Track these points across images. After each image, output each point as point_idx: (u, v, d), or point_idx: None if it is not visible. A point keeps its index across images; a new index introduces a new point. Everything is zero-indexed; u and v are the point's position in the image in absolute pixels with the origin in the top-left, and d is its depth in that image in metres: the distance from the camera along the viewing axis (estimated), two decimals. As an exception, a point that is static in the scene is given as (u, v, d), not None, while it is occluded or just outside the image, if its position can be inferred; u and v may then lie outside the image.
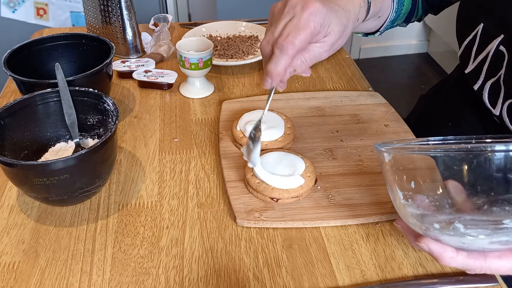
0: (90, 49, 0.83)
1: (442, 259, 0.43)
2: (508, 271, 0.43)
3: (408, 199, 0.44)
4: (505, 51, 0.60)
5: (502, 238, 0.41)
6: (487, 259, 0.42)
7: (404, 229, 0.48)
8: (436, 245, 0.43)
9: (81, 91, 0.67)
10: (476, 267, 0.43)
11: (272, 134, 0.71)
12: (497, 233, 0.41)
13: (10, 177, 0.59)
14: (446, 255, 0.43)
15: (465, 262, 0.43)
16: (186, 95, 0.87)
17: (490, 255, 0.42)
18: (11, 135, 0.64)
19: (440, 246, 0.43)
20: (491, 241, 0.41)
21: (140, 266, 0.56)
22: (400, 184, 0.45)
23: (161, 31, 1.00)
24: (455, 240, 0.42)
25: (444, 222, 0.42)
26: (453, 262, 0.43)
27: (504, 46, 0.60)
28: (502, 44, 0.61)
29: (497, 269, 0.42)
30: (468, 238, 0.41)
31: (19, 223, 0.61)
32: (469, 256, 0.43)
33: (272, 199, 0.62)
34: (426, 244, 0.43)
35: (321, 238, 0.59)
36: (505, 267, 0.42)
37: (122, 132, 0.78)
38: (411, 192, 0.44)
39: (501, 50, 0.61)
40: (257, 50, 0.99)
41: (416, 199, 0.43)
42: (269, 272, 0.55)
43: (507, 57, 0.60)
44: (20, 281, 0.54)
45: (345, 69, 0.96)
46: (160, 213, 0.63)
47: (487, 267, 0.42)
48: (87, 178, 0.59)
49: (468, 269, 0.44)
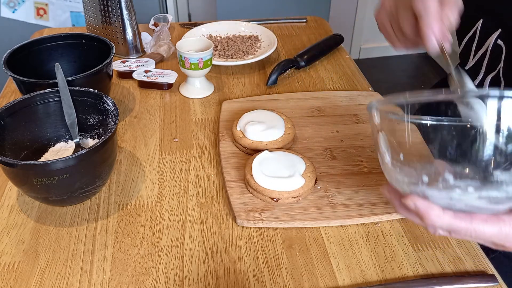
0: (90, 49, 0.83)
1: (428, 217, 0.41)
2: (492, 237, 0.41)
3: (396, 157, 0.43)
4: (503, 44, 0.61)
5: (491, 193, 0.40)
6: (473, 221, 0.41)
7: (390, 193, 0.46)
8: (423, 202, 0.41)
9: (81, 91, 0.67)
10: (461, 228, 0.41)
11: (272, 134, 0.71)
12: (486, 186, 0.40)
13: (10, 177, 0.59)
14: (432, 213, 0.41)
15: (451, 222, 0.41)
16: (186, 95, 0.87)
17: (476, 217, 0.41)
18: (11, 135, 0.64)
19: (427, 203, 0.41)
20: (479, 196, 0.40)
21: (140, 266, 0.56)
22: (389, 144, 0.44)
23: (161, 31, 1.00)
24: (443, 195, 0.41)
25: (434, 173, 0.41)
26: (439, 220, 0.41)
27: (502, 40, 0.61)
28: (499, 38, 0.62)
29: (482, 233, 0.41)
30: (456, 192, 0.40)
31: (19, 223, 0.61)
32: (455, 216, 0.41)
33: (272, 199, 0.62)
34: (413, 201, 0.41)
35: (321, 238, 0.59)
36: (489, 232, 0.41)
37: (122, 132, 0.78)
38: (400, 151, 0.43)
39: (499, 44, 0.62)
40: (257, 50, 0.99)
41: None
42: (269, 272, 0.55)
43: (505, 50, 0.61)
44: (20, 281, 0.54)
45: (345, 69, 0.96)
46: (160, 213, 0.63)
47: (473, 230, 0.41)
48: (87, 178, 0.59)
49: (453, 231, 0.42)
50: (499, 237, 0.41)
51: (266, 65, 0.97)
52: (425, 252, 0.58)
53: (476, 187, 0.40)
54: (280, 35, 1.09)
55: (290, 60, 0.93)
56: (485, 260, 0.57)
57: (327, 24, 1.16)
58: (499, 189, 0.40)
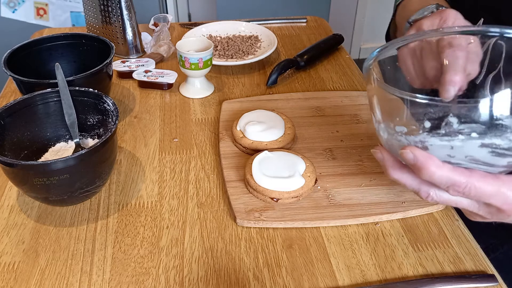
0: (90, 49, 0.83)
1: (427, 168, 0.39)
2: (491, 198, 0.40)
3: None
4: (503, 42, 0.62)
5: (495, 141, 0.39)
6: (472, 175, 0.39)
7: (383, 153, 0.45)
8: (422, 152, 0.39)
9: (81, 91, 0.67)
10: (460, 182, 0.39)
11: (272, 134, 0.71)
12: (492, 131, 0.39)
13: (10, 177, 0.59)
14: (431, 163, 0.39)
15: (450, 176, 0.39)
16: (186, 95, 0.87)
17: (475, 172, 0.40)
18: (11, 135, 0.64)
19: (427, 154, 0.39)
20: (482, 143, 0.39)
21: (140, 266, 0.56)
22: None
23: (161, 31, 1.00)
24: (445, 143, 0.40)
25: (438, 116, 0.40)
26: (438, 172, 0.39)
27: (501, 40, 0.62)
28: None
29: (481, 190, 0.39)
30: (459, 138, 0.39)
31: (19, 223, 0.61)
32: (454, 169, 0.39)
33: (272, 199, 0.62)
34: (411, 151, 0.40)
35: (321, 238, 0.59)
36: (489, 191, 0.39)
37: (122, 132, 0.78)
38: None
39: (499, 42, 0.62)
40: (257, 50, 0.99)
41: None
42: (269, 272, 0.55)
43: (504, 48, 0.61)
44: (20, 281, 0.54)
45: (345, 69, 0.96)
46: (160, 213, 0.63)
47: (472, 185, 0.39)
48: (87, 178, 0.59)
49: (452, 185, 0.40)
50: (497, 198, 0.40)
51: (266, 65, 0.97)
52: (425, 252, 0.58)
53: (481, 133, 0.39)
54: (280, 35, 1.09)
55: (290, 60, 0.93)
56: (485, 260, 0.57)
57: (327, 24, 1.16)
58: (503, 136, 0.39)
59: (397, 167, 0.43)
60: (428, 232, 0.60)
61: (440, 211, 0.63)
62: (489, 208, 0.42)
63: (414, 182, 0.43)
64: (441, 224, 0.61)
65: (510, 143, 0.40)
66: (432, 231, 0.60)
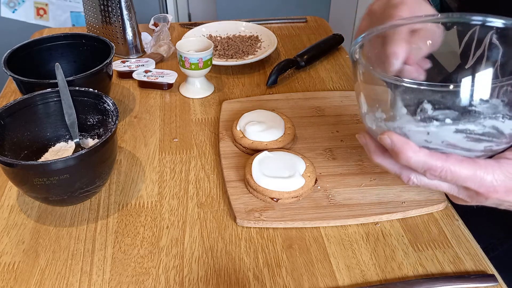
0: (90, 49, 0.83)
1: (404, 153, 0.40)
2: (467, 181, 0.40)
3: None
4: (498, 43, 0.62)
5: (468, 126, 0.40)
6: (448, 159, 0.40)
7: (366, 138, 0.46)
8: (399, 137, 0.41)
9: (81, 91, 0.67)
10: (437, 167, 0.40)
11: (272, 134, 0.71)
12: (464, 117, 0.40)
13: (10, 177, 0.59)
14: (408, 148, 0.40)
15: (426, 160, 0.40)
16: (186, 95, 0.87)
17: (452, 157, 0.40)
18: (11, 135, 0.64)
19: (403, 139, 0.41)
20: (457, 129, 0.40)
21: (140, 266, 0.56)
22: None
23: (161, 31, 1.00)
24: (421, 129, 0.41)
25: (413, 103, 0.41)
26: (414, 157, 0.40)
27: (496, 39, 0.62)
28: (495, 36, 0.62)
29: (457, 174, 0.40)
30: (434, 124, 0.40)
31: (19, 223, 0.61)
32: (431, 154, 0.40)
33: (272, 199, 0.62)
34: (389, 136, 0.41)
35: (321, 238, 0.59)
36: (464, 174, 0.40)
37: (122, 132, 0.78)
38: None
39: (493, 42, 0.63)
40: (257, 50, 0.99)
41: None
42: (269, 272, 0.55)
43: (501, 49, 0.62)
44: (20, 281, 0.54)
45: (345, 69, 0.96)
46: (160, 213, 0.63)
47: (448, 169, 0.40)
48: (87, 178, 0.59)
49: (428, 169, 0.41)
50: (474, 181, 0.40)
51: (266, 65, 0.97)
52: (425, 252, 0.58)
53: (455, 119, 0.40)
54: (280, 35, 1.09)
55: (290, 60, 0.93)
56: (485, 260, 0.57)
57: (327, 24, 1.16)
58: (476, 122, 0.40)
59: (379, 152, 0.44)
60: (428, 232, 0.60)
61: (440, 211, 0.63)
62: (468, 191, 0.43)
63: (395, 167, 0.44)
64: (441, 224, 0.61)
65: (484, 129, 0.40)
66: (432, 231, 0.60)
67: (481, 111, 0.40)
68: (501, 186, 0.40)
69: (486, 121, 0.40)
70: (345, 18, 2.60)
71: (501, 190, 0.41)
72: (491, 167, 0.40)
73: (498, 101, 0.41)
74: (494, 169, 0.40)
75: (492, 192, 0.41)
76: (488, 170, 0.40)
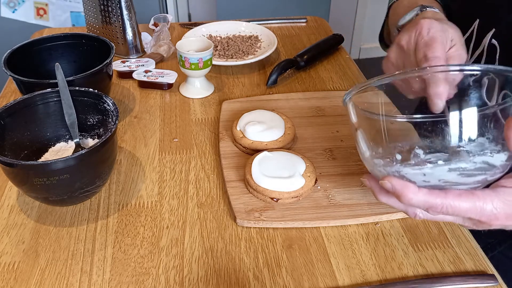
0: (90, 49, 0.83)
1: (405, 196, 0.43)
2: (468, 212, 0.43)
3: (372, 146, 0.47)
4: (497, 44, 0.62)
5: (460, 165, 0.42)
6: (447, 196, 0.42)
7: (370, 181, 0.48)
8: (399, 181, 0.43)
9: (81, 91, 0.67)
10: (437, 204, 0.42)
11: (272, 134, 0.71)
12: (455, 157, 0.42)
13: (10, 177, 0.59)
14: (408, 191, 0.43)
15: (426, 199, 0.43)
16: (186, 95, 0.87)
17: (450, 192, 0.42)
18: (11, 135, 0.64)
19: (403, 182, 0.43)
20: (449, 168, 0.42)
21: (140, 266, 0.56)
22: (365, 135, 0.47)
23: (161, 31, 1.00)
24: (417, 171, 0.43)
25: (406, 150, 0.44)
26: (415, 197, 0.43)
27: (495, 39, 0.62)
28: (493, 37, 0.62)
29: (457, 208, 0.42)
30: (428, 166, 0.43)
31: (19, 223, 0.61)
32: (430, 192, 0.43)
33: (272, 199, 0.62)
34: (389, 181, 0.43)
35: (321, 238, 0.59)
36: (464, 207, 0.42)
37: (122, 132, 0.78)
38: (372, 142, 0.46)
39: (493, 43, 0.63)
40: (257, 50, 0.99)
41: None
42: (269, 272, 0.55)
43: (499, 50, 0.62)
44: (20, 281, 0.54)
45: (345, 69, 0.96)
46: (160, 213, 0.63)
47: (448, 205, 0.42)
48: (87, 178, 0.59)
49: (430, 207, 0.43)
50: (475, 212, 0.42)
51: (266, 65, 0.97)
52: (425, 252, 0.58)
53: (445, 159, 0.43)
54: (280, 35, 1.09)
55: (290, 60, 0.93)
56: (485, 260, 0.57)
57: (327, 24, 1.16)
58: (467, 160, 0.43)
59: (383, 192, 0.47)
60: (428, 232, 0.60)
61: (440, 211, 0.63)
62: (471, 220, 0.45)
63: (401, 205, 0.46)
64: (441, 224, 0.61)
65: (475, 165, 0.43)
66: (432, 231, 0.60)
67: (470, 150, 0.43)
68: (501, 214, 0.42)
69: (476, 158, 0.43)
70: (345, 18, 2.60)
71: (502, 217, 0.43)
72: (489, 197, 0.42)
73: (483, 139, 0.43)
74: (492, 198, 0.42)
75: (494, 220, 0.43)
76: (486, 200, 0.42)
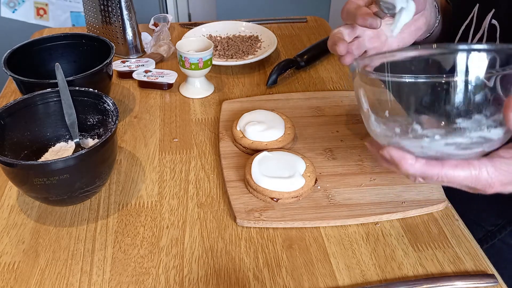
0: (90, 49, 0.83)
1: (402, 165, 0.44)
2: (464, 181, 0.44)
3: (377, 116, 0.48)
4: (497, 24, 0.62)
5: (456, 139, 0.43)
6: (444, 167, 0.43)
7: (372, 146, 0.49)
8: (397, 152, 0.44)
9: (81, 91, 0.67)
10: (433, 174, 0.44)
11: (272, 134, 0.71)
12: (451, 133, 0.43)
13: (10, 177, 0.59)
14: (405, 161, 0.44)
15: (423, 169, 0.44)
16: (186, 95, 0.87)
17: (447, 163, 0.43)
18: (11, 135, 0.64)
19: (401, 153, 0.44)
20: (446, 143, 0.43)
21: (140, 266, 0.56)
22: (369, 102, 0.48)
23: (161, 31, 1.00)
24: (415, 144, 0.44)
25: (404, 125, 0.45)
26: (412, 168, 0.44)
27: (495, 20, 0.62)
28: (493, 17, 0.63)
29: (453, 177, 0.43)
30: (425, 141, 0.44)
31: (19, 223, 0.61)
32: (427, 163, 0.44)
33: (272, 199, 0.62)
34: (388, 151, 0.45)
35: (321, 238, 0.59)
36: (460, 177, 0.43)
37: (122, 132, 0.78)
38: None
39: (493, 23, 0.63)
40: (257, 50, 0.99)
41: None
42: (269, 272, 0.55)
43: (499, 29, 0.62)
44: (20, 281, 0.54)
45: (345, 69, 0.96)
46: (160, 213, 0.63)
47: (444, 175, 0.43)
48: (87, 178, 0.59)
49: (426, 176, 0.44)
50: (471, 181, 0.44)
51: (266, 65, 0.97)
52: (425, 252, 0.58)
53: (442, 135, 0.43)
54: (280, 35, 1.09)
55: (290, 60, 0.93)
56: (485, 260, 0.57)
57: (327, 24, 1.16)
58: (463, 135, 0.43)
59: (384, 159, 0.48)
60: (428, 232, 0.60)
61: (440, 211, 0.63)
62: (468, 187, 0.46)
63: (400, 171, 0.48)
64: (441, 224, 0.61)
65: (472, 139, 0.43)
66: (432, 231, 0.60)
67: (466, 127, 0.43)
68: (496, 182, 0.44)
69: (472, 133, 0.43)
70: (345, 18, 2.60)
71: (497, 185, 0.44)
72: (485, 166, 0.43)
73: (480, 116, 0.44)
74: (487, 167, 0.43)
75: (489, 187, 0.44)
76: (482, 169, 0.43)
